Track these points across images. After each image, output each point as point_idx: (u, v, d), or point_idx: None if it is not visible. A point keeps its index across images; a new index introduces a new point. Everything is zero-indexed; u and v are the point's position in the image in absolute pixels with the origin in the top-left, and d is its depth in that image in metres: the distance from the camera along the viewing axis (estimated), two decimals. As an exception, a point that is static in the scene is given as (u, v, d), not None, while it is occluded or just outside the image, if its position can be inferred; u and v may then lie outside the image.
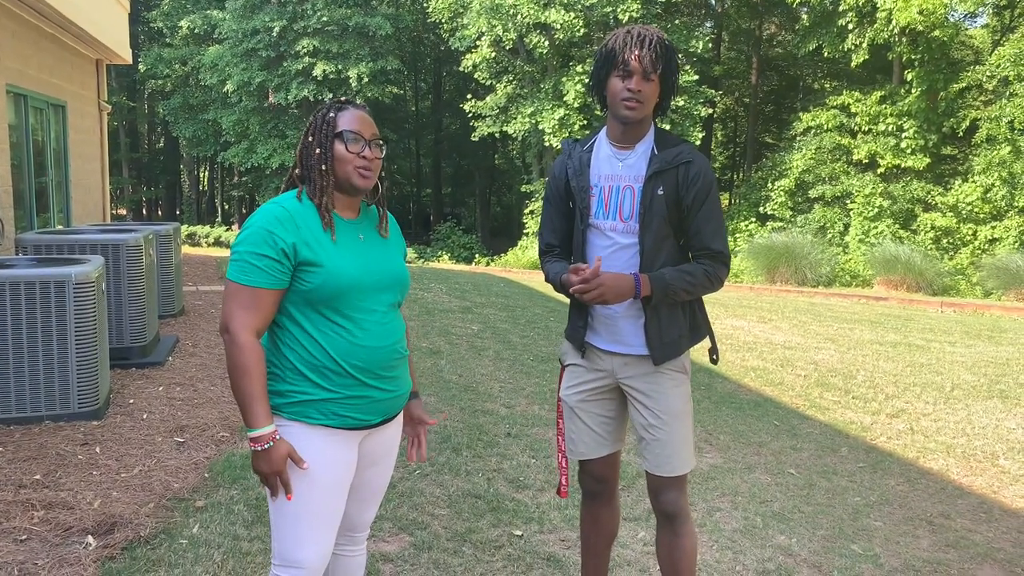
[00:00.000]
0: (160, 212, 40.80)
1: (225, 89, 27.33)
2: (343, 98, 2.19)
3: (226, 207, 38.63)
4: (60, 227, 9.50)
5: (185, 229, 27.44)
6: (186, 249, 19.25)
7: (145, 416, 4.89)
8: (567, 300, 11.90)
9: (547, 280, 2.69)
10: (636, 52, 2.41)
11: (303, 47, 26.21)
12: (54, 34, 9.45)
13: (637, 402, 2.60)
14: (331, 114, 2.14)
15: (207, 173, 41.23)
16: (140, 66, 29.76)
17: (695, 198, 2.49)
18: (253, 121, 27.99)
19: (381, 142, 2.19)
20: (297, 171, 2.19)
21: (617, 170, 2.55)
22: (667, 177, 2.49)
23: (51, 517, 3.42)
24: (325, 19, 26.29)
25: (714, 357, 2.68)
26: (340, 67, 26.33)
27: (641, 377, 2.58)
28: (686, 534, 2.63)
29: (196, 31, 28.68)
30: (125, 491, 3.76)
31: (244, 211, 35.21)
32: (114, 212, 33.29)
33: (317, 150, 2.12)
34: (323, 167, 2.12)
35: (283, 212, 2.06)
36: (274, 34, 26.43)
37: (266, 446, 2.01)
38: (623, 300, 2.45)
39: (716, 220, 2.52)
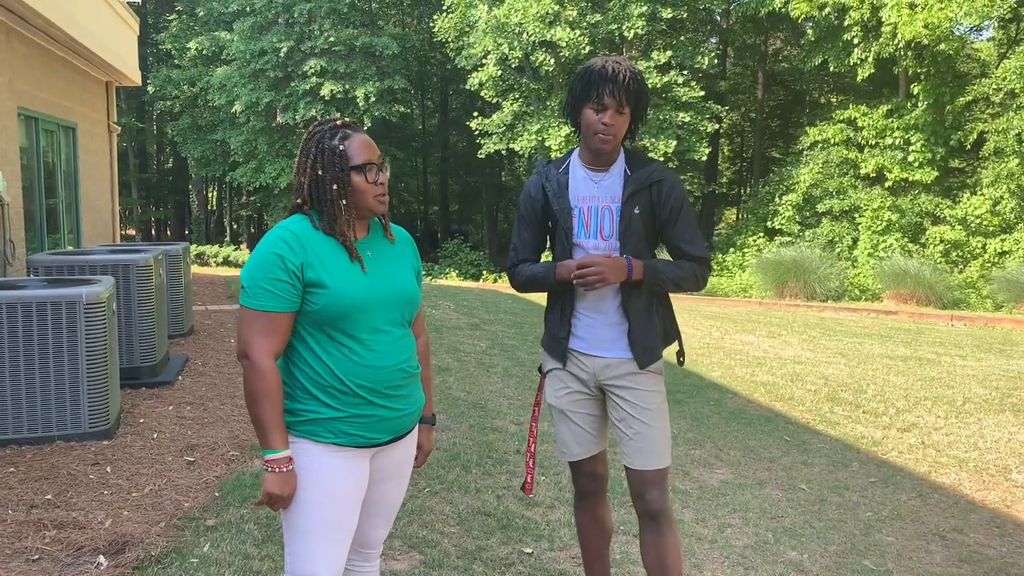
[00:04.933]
0: (169, 232, 40.93)
1: (233, 110, 27.48)
2: (338, 120, 2.15)
3: (235, 227, 38.77)
4: (71, 248, 9.56)
5: (194, 249, 27.55)
6: (195, 269, 19.32)
7: (155, 435, 4.91)
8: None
9: (524, 282, 2.77)
10: (610, 87, 2.55)
11: (310, 67, 26.36)
12: (65, 57, 9.55)
13: (619, 398, 2.72)
14: (339, 145, 2.10)
15: (216, 193, 41.41)
16: (149, 87, 29.97)
17: (671, 212, 2.70)
18: (261, 141, 28.13)
19: (386, 160, 2.20)
20: (304, 204, 2.15)
21: (594, 191, 2.72)
22: (642, 196, 2.68)
23: (63, 537, 3.43)
24: (332, 39, 26.46)
25: (681, 360, 2.85)
26: (347, 87, 26.46)
27: (622, 376, 2.72)
28: (671, 533, 2.71)
29: (204, 52, 28.88)
30: (136, 510, 3.77)
31: (253, 231, 35.33)
32: (124, 233, 33.48)
33: (334, 186, 2.10)
34: (343, 202, 2.11)
35: (289, 235, 2.08)
36: (281, 55, 26.59)
37: (283, 469, 2.05)
38: (619, 280, 2.60)
39: (692, 229, 2.72)
